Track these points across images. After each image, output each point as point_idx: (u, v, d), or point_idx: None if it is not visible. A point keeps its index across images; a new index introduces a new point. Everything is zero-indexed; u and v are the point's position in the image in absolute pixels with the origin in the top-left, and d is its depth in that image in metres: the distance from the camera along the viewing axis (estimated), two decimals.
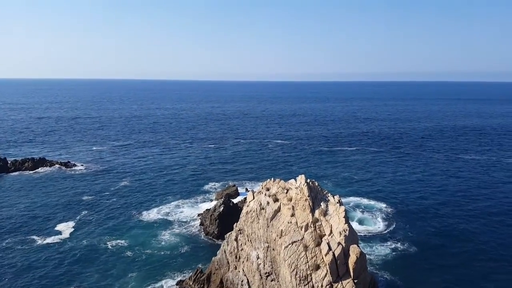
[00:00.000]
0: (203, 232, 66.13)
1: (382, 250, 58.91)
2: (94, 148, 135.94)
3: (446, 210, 75.75)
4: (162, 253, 58.36)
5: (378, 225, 68.00)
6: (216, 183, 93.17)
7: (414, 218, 71.64)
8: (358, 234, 60.47)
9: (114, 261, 55.55)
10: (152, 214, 73.19)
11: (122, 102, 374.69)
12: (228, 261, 48.43)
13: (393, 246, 60.20)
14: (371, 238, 62.78)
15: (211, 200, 79.64)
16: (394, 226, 67.60)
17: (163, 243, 61.67)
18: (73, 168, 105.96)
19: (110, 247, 60.00)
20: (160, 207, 76.98)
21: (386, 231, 65.44)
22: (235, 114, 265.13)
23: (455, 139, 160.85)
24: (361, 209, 75.58)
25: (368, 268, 50.25)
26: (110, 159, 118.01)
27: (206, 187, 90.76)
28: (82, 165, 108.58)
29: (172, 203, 79.34)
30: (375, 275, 50.02)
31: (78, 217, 71.72)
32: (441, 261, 55.84)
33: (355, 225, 65.06)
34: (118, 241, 61.95)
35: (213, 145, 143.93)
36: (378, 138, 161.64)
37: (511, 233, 65.32)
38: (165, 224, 68.93)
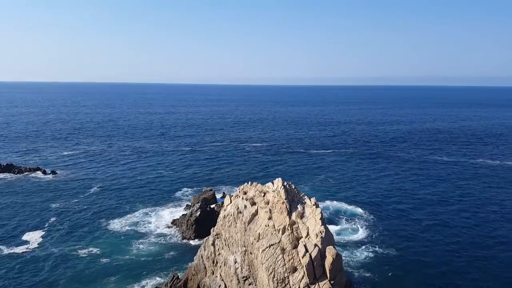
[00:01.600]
0: (179, 238, 65.16)
1: (359, 253, 59.39)
2: (66, 153, 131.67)
3: (421, 212, 77.59)
4: (137, 259, 57.02)
5: (356, 230, 68.31)
6: (192, 188, 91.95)
7: (391, 221, 72.93)
8: (337, 239, 61.23)
9: (87, 269, 53.88)
10: (124, 221, 71.31)
11: (96, 106, 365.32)
12: (205, 266, 47.91)
13: (370, 249, 60.72)
14: (349, 242, 63.21)
15: (188, 206, 78.63)
16: (371, 230, 68.17)
17: (137, 250, 60.28)
18: (43, 174, 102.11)
19: (82, 255, 58.11)
20: (133, 213, 75.20)
21: (364, 236, 65.90)
22: (212, 118, 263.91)
23: (426, 141, 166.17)
24: (338, 213, 76.03)
25: (347, 271, 51.04)
26: (81, 165, 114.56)
27: (180, 192, 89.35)
28: (52, 171, 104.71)
29: (146, 209, 77.67)
30: (352, 277, 50.76)
31: (46, 226, 69.12)
32: (418, 263, 56.59)
33: (333, 230, 65.50)
34: (90, 249, 60.09)
35: (189, 149, 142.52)
36: (353, 141, 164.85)
37: (485, 233, 67.32)
38: (138, 231, 67.37)
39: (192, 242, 63.38)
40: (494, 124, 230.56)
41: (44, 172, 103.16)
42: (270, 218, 40.95)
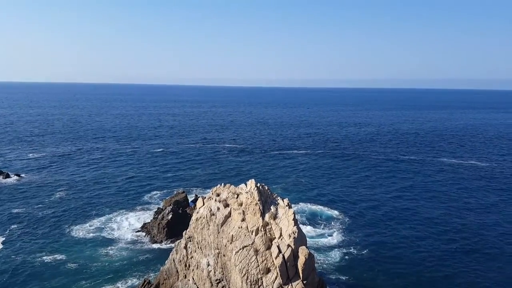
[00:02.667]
0: (150, 242, 63.72)
1: (334, 256, 59.47)
2: (31, 155, 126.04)
3: (394, 213, 79.27)
4: (106, 265, 55.23)
5: (332, 233, 68.08)
6: (162, 191, 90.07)
7: (365, 223, 73.61)
8: (313, 242, 61.59)
9: (54, 276, 51.64)
10: (91, 226, 68.86)
11: (63, 107, 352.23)
12: (177, 270, 47.05)
13: (345, 251, 60.81)
14: (325, 245, 63.08)
15: (159, 209, 77.03)
16: (346, 232, 68.27)
17: (106, 255, 58.36)
18: (6, 178, 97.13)
19: (47, 261, 55.64)
20: (101, 218, 72.76)
21: (339, 238, 65.75)
22: (185, 118, 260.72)
23: (395, 142, 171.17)
24: (314, 216, 75.87)
25: (323, 274, 51.36)
26: (47, 168, 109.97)
27: (151, 195, 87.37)
28: (16, 174, 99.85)
29: (114, 213, 75.39)
30: (327, 279, 51.16)
31: (7, 232, 65.82)
32: (390, 264, 57.33)
33: (309, 233, 65.88)
34: (56, 256, 57.56)
35: (160, 150, 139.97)
36: (325, 142, 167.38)
37: (450, 236, 68.51)
38: (107, 236, 65.28)
39: (163, 246, 62.13)
40: (458, 125, 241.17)
41: (8, 176, 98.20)
42: (243, 220, 40.74)
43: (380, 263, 57.80)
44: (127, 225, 70.04)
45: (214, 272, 41.44)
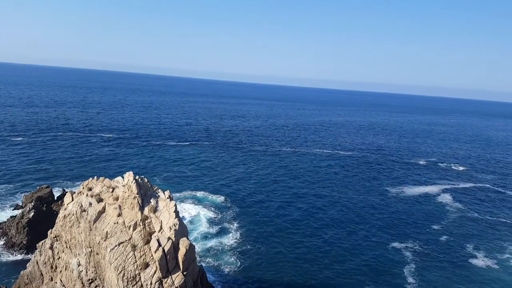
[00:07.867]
0: (5, 245, 55.30)
1: (226, 254, 60.13)
2: None
3: (272, 200, 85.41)
4: None
5: (217, 221, 69.48)
6: (19, 185, 78.90)
7: (251, 211, 77.32)
8: (196, 230, 61.80)
9: None
10: None
11: None
12: (41, 273, 42.14)
13: (230, 241, 62.75)
14: (208, 234, 64.17)
15: (18, 206, 67.12)
16: (230, 221, 70.61)
17: None
18: None
19: None
20: None
21: (228, 231, 67.27)
22: (53, 104, 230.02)
23: (274, 134, 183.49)
24: (198, 202, 76.91)
25: (205, 265, 52.15)
26: None
27: (1, 190, 75.85)
28: None
29: None
30: (206, 267, 52.29)
31: None
32: (273, 254, 60.60)
33: (197, 226, 66.14)
34: None
35: (19, 139, 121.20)
36: (210, 134, 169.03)
37: (337, 230, 74.95)
38: None
39: (24, 249, 54.60)
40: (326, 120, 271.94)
41: None
42: (119, 215, 38.72)
43: (262, 254, 60.35)
44: None
45: (86, 272, 38.49)
